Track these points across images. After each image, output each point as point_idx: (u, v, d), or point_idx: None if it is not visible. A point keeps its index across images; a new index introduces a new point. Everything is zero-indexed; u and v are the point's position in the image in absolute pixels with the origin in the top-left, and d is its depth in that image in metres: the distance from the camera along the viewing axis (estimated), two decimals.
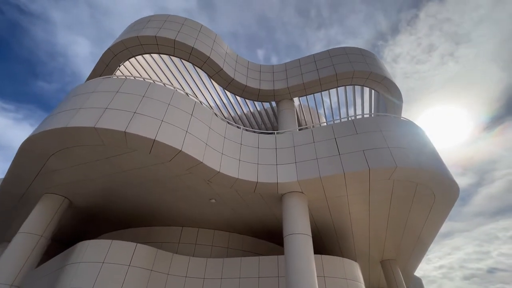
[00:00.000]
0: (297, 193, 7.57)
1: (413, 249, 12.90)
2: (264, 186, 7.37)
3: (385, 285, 18.92)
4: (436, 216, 9.00)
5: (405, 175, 6.74)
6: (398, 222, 9.52)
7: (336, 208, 8.53)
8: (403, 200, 7.98)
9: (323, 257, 8.21)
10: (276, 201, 8.14)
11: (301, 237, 6.68)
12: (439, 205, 8.08)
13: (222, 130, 7.73)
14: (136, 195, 8.27)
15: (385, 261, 13.23)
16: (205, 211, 9.11)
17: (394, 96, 10.43)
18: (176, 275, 8.03)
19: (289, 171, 7.39)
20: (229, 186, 7.41)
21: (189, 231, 10.08)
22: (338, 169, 6.86)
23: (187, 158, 6.34)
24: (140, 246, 7.71)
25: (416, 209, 8.49)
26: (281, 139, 8.28)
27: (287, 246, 6.70)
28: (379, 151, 6.83)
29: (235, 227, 10.20)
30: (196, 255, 8.97)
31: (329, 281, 7.76)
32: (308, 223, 7.12)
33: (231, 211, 8.99)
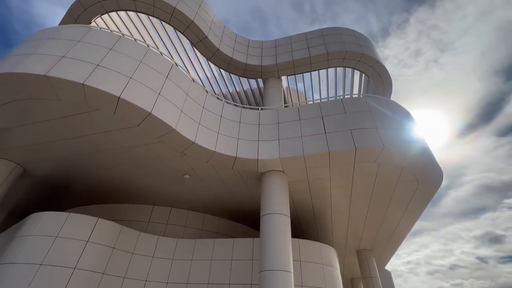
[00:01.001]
0: (278, 172, 7.09)
1: (388, 241, 12.99)
2: (244, 162, 6.81)
3: (358, 275, 19.32)
4: (415, 205, 8.89)
5: (391, 158, 6.42)
6: (378, 211, 9.36)
7: (318, 192, 8.17)
8: (386, 187, 7.73)
9: (300, 241, 7.87)
10: (256, 181, 7.64)
11: (279, 217, 6.23)
12: (421, 193, 7.91)
13: (201, 99, 7.02)
14: (100, 166, 7.44)
15: (361, 251, 13.26)
16: (178, 189, 8.45)
17: (384, 82, 10.12)
18: (142, 255, 7.40)
19: (271, 148, 6.87)
20: (205, 160, 6.78)
21: (160, 210, 9.40)
22: (323, 148, 6.42)
23: (158, 123, 5.62)
24: (102, 221, 6.97)
25: (398, 197, 8.31)
26: (265, 115, 7.72)
27: (264, 225, 6.24)
28: (367, 132, 6.45)
29: (210, 208, 9.63)
30: (167, 236, 8.35)
31: (305, 265, 7.44)
32: (287, 204, 6.68)
33: (206, 190, 8.39)
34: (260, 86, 12.35)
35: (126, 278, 6.92)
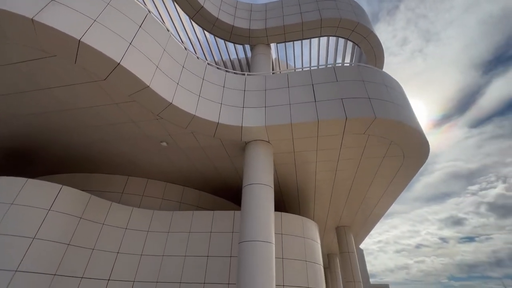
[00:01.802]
0: (263, 142, 6.66)
1: (366, 220, 13.29)
2: (226, 129, 6.29)
3: (334, 251, 20.06)
4: (397, 184, 8.90)
5: (382, 130, 6.15)
6: (360, 189, 9.32)
7: (303, 166, 7.89)
8: (372, 162, 7.56)
9: (283, 214, 7.65)
10: (239, 151, 7.18)
11: (262, 188, 5.87)
12: (404, 169, 7.85)
13: (180, 58, 6.27)
14: (68, 129, 6.63)
15: (340, 227, 13.53)
16: (155, 159, 7.84)
17: (377, 56, 9.73)
18: (113, 226, 6.87)
19: (256, 115, 6.36)
20: (184, 125, 6.18)
21: (136, 181, 8.79)
22: (312, 116, 6.01)
23: (129, 77, 4.89)
24: (67, 189, 6.30)
25: (381, 174, 8.22)
26: (252, 81, 7.12)
27: (246, 196, 5.87)
28: (359, 101, 6.09)
29: (190, 181, 9.15)
30: (142, 208, 7.83)
31: (286, 239, 7.27)
32: (271, 175, 6.32)
33: (186, 161, 7.85)
34: (247, 56, 11.58)
35: (95, 249, 6.42)
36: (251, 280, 4.79)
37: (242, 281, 4.83)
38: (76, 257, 6.06)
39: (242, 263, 5.04)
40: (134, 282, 6.51)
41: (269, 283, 4.82)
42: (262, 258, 5.03)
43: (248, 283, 4.77)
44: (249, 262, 4.98)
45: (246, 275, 4.85)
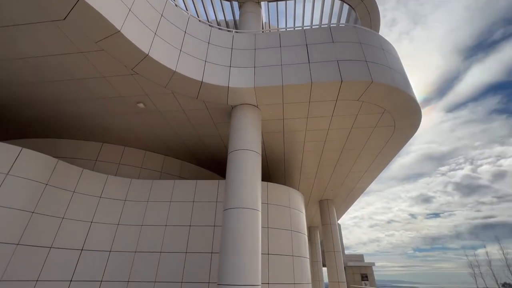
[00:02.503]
0: (250, 106, 6.16)
1: (348, 195, 13.53)
2: (211, 90, 5.69)
3: (315, 224, 20.73)
4: (383, 157, 8.87)
5: (376, 96, 5.83)
6: (347, 162, 9.22)
7: (291, 135, 7.54)
8: (362, 133, 7.35)
9: (269, 184, 7.40)
10: (224, 117, 6.66)
11: (249, 154, 5.48)
12: (394, 141, 7.74)
13: (158, 5, 5.42)
14: (27, 84, 5.73)
15: (324, 200, 13.74)
16: (133, 124, 7.15)
17: (372, 24, 9.22)
18: (86, 194, 6.31)
19: (245, 75, 5.79)
20: (163, 84, 5.51)
21: (111, 149, 8.10)
22: (305, 78, 5.53)
23: (94, 18, 4.09)
24: (27, 152, 5.58)
25: (370, 146, 8.09)
26: (240, 39, 6.43)
27: (231, 162, 5.47)
28: (356, 64, 5.66)
29: (172, 150, 8.59)
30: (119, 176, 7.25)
31: (272, 208, 7.08)
32: (259, 141, 5.92)
33: (167, 127, 7.24)
34: (236, 18, 10.63)
35: (65, 218, 5.89)
36: (235, 248, 4.54)
37: (226, 249, 4.57)
38: (43, 226, 5.51)
39: (226, 232, 4.75)
40: (111, 252, 6.13)
41: (254, 252, 4.60)
42: (248, 226, 4.76)
43: (233, 251, 4.51)
44: (234, 230, 4.70)
45: (231, 244, 4.59)
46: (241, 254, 4.49)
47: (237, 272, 4.31)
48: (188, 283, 5.93)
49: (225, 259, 4.48)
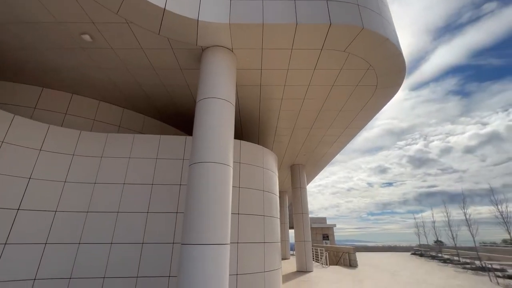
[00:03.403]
0: (225, 50, 5.26)
1: (318, 161, 13.66)
2: (177, 23, 4.65)
3: (284, 189, 21.27)
4: (360, 120, 8.71)
5: (365, 47, 5.29)
6: (324, 123, 8.93)
7: (269, 90, 6.87)
8: (343, 91, 6.93)
9: (242, 143, 6.85)
10: (193, 61, 5.70)
11: (222, 103, 4.75)
12: (372, 103, 7.50)
13: None
14: None
15: (295, 165, 13.77)
16: (81, 64, 5.88)
17: None
18: (19, 145, 5.20)
19: (219, 7, 4.79)
20: (114, 9, 4.34)
21: (56, 95, 6.77)
22: (290, 18, 4.74)
23: None
24: None
25: (348, 108, 7.79)
26: None
27: (201, 110, 4.71)
28: (346, 6, 4.95)
29: (132, 102, 7.48)
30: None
31: (245, 168, 6.62)
32: (233, 90, 5.18)
33: (123, 72, 6.09)
34: None
35: None
36: (203, 207, 4.02)
37: (191, 207, 4.04)
38: None
39: (192, 188, 4.18)
40: (56, 212, 5.30)
41: (223, 211, 4.14)
42: (218, 183, 4.22)
43: (200, 210, 4.00)
44: (202, 188, 4.14)
45: (198, 202, 4.05)
46: (209, 212, 4.01)
47: (204, 231, 3.86)
48: (149, 244, 5.44)
49: (190, 218, 3.97)
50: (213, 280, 3.63)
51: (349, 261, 14.18)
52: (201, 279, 3.59)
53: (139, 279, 5.18)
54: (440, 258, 17.60)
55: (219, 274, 3.72)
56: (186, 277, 3.63)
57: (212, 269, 3.69)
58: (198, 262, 3.67)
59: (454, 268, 13.12)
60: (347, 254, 14.52)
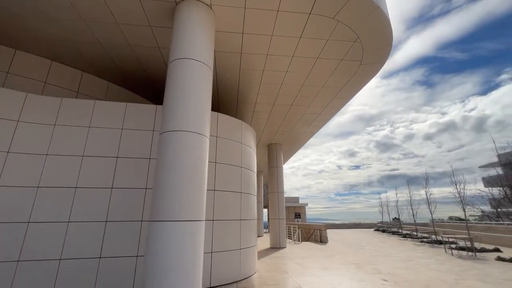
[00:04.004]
0: (202, 5, 4.59)
1: (296, 140, 13.61)
2: None
3: (259, 169, 21.27)
4: (341, 98, 8.58)
5: (355, 15, 4.94)
6: (305, 100, 8.65)
7: (250, 60, 6.34)
8: (327, 65, 6.63)
9: (220, 115, 6.36)
10: (165, 18, 4.95)
11: (198, 65, 4.17)
12: (355, 80, 7.33)
13: None
14: None
15: (273, 144, 13.59)
16: (25, 12, 4.81)
17: None
18: None
19: None
20: None
21: None
22: None
23: None
24: None
25: (331, 83, 7.56)
26: None
27: (173, 73, 4.11)
28: None
29: (93, 64, 6.52)
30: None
31: (222, 142, 6.19)
32: (211, 52, 4.59)
33: (79, 23, 5.14)
34: None
35: None
36: (176, 179, 3.57)
37: (164, 181, 3.56)
38: None
39: (164, 160, 3.67)
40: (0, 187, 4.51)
41: (199, 186, 3.72)
42: (193, 154, 3.76)
43: (173, 183, 3.54)
44: (174, 159, 3.65)
45: (170, 174, 3.58)
46: (182, 186, 3.57)
47: (176, 206, 3.44)
48: (114, 222, 4.92)
49: (161, 192, 3.52)
50: (185, 259, 3.29)
51: (320, 237, 14.78)
52: (173, 258, 3.23)
53: (103, 260, 4.70)
54: (400, 233, 19.14)
55: (193, 252, 3.39)
56: (155, 256, 3.24)
57: (185, 247, 3.34)
58: (170, 240, 3.29)
59: (413, 242, 14.29)
60: (319, 231, 15.10)
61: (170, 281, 3.10)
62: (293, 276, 6.21)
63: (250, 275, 6.25)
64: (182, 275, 3.18)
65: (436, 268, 7.18)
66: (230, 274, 5.70)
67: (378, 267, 7.30)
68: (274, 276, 6.21)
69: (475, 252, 9.47)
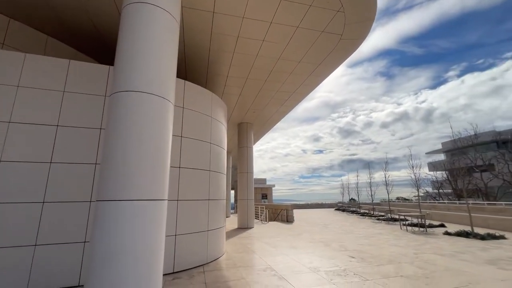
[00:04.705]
0: None
1: (267, 121, 13.27)
2: None
3: (228, 150, 20.75)
4: (317, 75, 8.29)
5: None
6: (281, 75, 8.18)
7: (223, 22, 5.59)
8: (307, 37, 6.17)
9: (187, 84, 5.62)
10: None
11: (160, 13, 3.39)
12: (333, 56, 7.04)
13: None
14: None
15: (243, 123, 13.08)
16: None
17: None
18: None
19: None
20: None
21: None
22: None
23: None
24: None
25: (309, 59, 7.17)
26: None
27: (128, 19, 3.28)
28: None
29: (25, 11, 5.18)
30: None
31: (189, 114, 5.51)
32: (177, 1, 3.80)
33: None
34: None
35: None
36: (133, 150, 2.90)
37: (114, 155, 2.87)
38: None
39: (115, 128, 2.95)
40: None
41: (159, 161, 3.10)
42: (153, 123, 3.09)
43: (126, 159, 2.86)
44: (129, 127, 2.95)
45: (126, 143, 2.89)
46: (140, 158, 2.93)
47: (132, 183, 2.81)
48: (54, 204, 4.09)
49: (110, 165, 2.84)
50: (142, 243, 2.74)
51: (287, 217, 15.08)
52: (127, 243, 2.65)
53: (39, 248, 3.90)
54: (358, 212, 20.52)
55: (152, 235, 2.84)
56: (102, 241, 2.63)
57: (142, 230, 2.77)
58: (124, 222, 2.68)
59: (371, 220, 15.34)
60: (285, 211, 15.37)
61: (121, 269, 2.55)
62: (262, 256, 6.02)
63: (218, 257, 5.91)
64: (136, 262, 2.64)
65: (395, 243, 7.62)
66: (197, 257, 5.28)
67: (344, 244, 7.50)
68: (243, 257, 5.96)
69: (426, 228, 10.37)
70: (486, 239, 8.18)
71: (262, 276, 4.50)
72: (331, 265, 5.16)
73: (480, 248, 6.90)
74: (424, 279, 4.27)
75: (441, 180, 32.05)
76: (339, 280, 4.24)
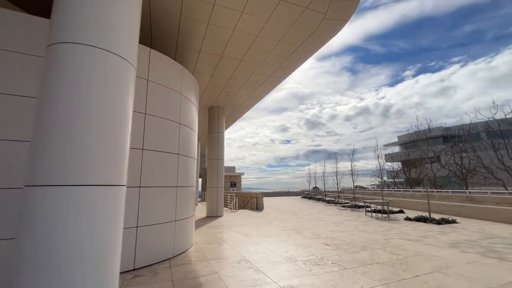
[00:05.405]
0: None
1: (240, 106, 12.71)
2: None
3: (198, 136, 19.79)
4: (295, 58, 7.92)
5: None
6: (258, 54, 7.61)
7: None
8: (289, 13, 5.71)
9: (153, 52, 4.82)
10: None
11: None
12: (314, 38, 6.70)
13: None
14: None
15: (214, 107, 12.35)
16: None
17: None
18: None
19: None
20: None
21: None
22: None
23: None
24: None
25: (289, 39, 6.74)
26: None
27: None
28: None
29: None
30: None
31: (155, 88, 4.75)
32: None
33: None
34: None
35: None
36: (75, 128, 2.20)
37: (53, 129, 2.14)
38: None
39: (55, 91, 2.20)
40: None
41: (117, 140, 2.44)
42: (109, 89, 2.40)
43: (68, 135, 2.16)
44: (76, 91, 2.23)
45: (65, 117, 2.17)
46: (89, 132, 2.24)
47: (77, 164, 2.14)
48: None
49: (48, 141, 2.12)
50: (90, 237, 2.12)
51: (256, 205, 14.93)
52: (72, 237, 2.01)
53: None
54: (324, 200, 21.32)
55: (103, 229, 2.23)
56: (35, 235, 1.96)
57: (91, 222, 2.14)
58: (66, 212, 2.03)
59: (336, 207, 15.94)
60: (255, 199, 15.20)
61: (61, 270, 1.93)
62: (235, 246, 5.65)
63: (187, 249, 5.39)
64: (83, 261, 2.04)
65: (364, 229, 7.82)
66: (162, 250, 4.69)
67: (316, 232, 7.48)
68: (215, 248, 5.52)
69: (389, 214, 10.97)
70: (441, 223, 8.85)
71: (237, 269, 4.12)
72: (308, 254, 4.98)
73: (439, 232, 7.38)
74: (399, 265, 4.28)
75: (396, 170, 34.86)
76: (318, 270, 4.04)
